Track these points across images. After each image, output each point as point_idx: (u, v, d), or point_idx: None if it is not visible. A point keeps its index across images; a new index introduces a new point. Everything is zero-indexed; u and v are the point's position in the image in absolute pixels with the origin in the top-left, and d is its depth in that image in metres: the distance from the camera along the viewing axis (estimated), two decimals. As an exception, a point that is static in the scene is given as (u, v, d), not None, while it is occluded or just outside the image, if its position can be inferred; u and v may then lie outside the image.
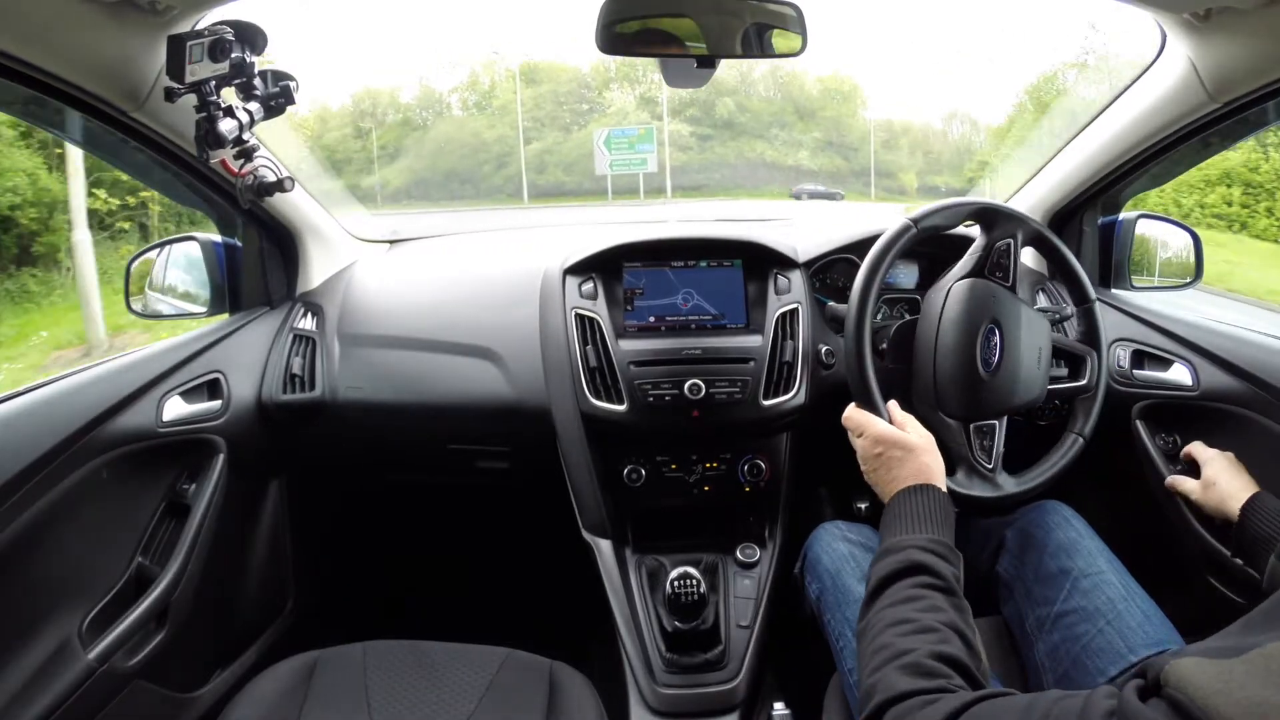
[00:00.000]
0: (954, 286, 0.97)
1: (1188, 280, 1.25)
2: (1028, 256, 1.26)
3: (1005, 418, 0.96)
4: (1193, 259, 1.25)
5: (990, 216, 0.99)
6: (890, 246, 0.94)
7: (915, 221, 0.95)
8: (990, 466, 0.94)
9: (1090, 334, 1.04)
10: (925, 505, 0.76)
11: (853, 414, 0.89)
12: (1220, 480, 0.96)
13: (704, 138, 14.87)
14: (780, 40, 0.90)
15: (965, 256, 1.00)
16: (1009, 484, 0.94)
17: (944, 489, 0.79)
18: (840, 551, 0.97)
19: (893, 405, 0.89)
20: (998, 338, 0.95)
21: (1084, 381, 1.02)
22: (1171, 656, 0.44)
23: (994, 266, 0.98)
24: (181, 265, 1.24)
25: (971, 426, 0.94)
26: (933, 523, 0.74)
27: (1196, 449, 1.03)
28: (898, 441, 0.82)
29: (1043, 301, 1.27)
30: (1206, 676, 0.41)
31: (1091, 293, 1.04)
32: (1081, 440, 0.99)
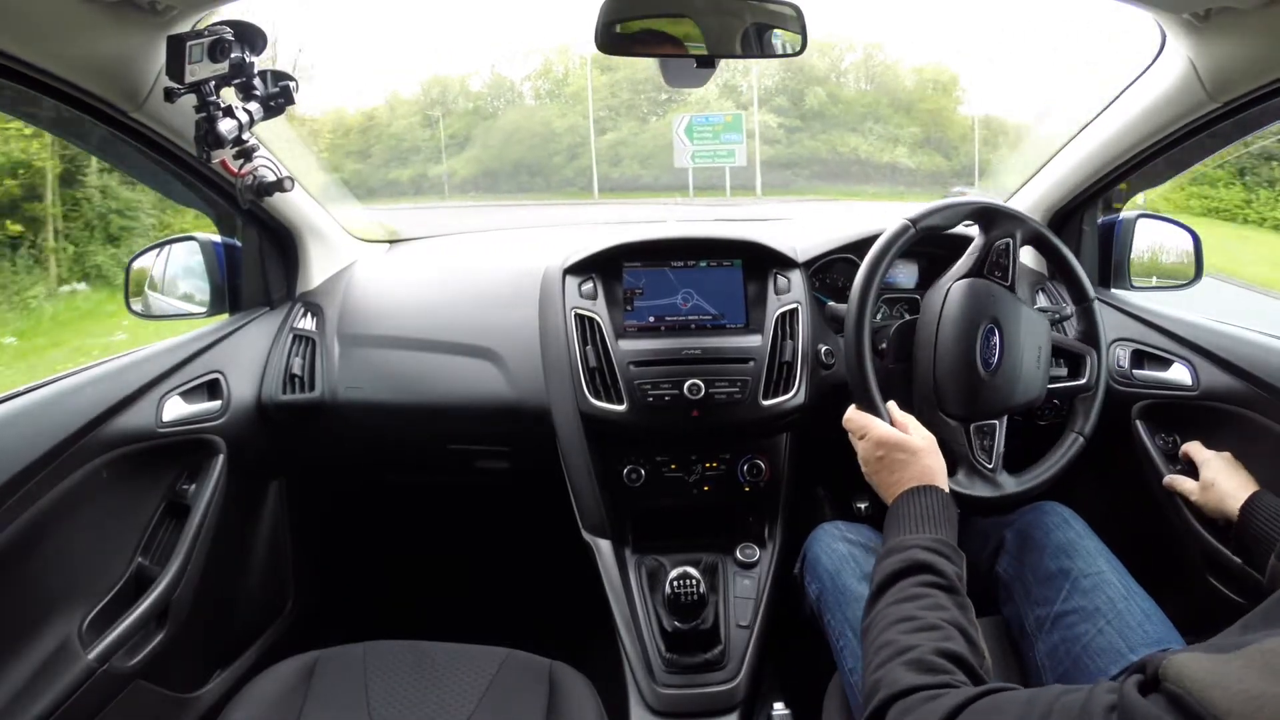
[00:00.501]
0: (953, 286, 0.97)
1: (1188, 280, 1.25)
2: (1027, 256, 1.26)
3: (1005, 417, 0.96)
4: (1193, 259, 1.25)
5: (989, 216, 0.99)
6: (889, 247, 0.94)
7: (914, 221, 0.95)
8: (991, 466, 0.94)
9: (1090, 333, 1.04)
10: (928, 506, 0.76)
11: (854, 416, 0.89)
12: (1219, 480, 0.96)
13: (792, 130, 13.26)
14: (780, 40, 0.90)
15: (964, 256, 1.00)
16: (1010, 483, 0.94)
17: (946, 490, 0.80)
18: (840, 552, 0.97)
19: (892, 406, 0.89)
20: (997, 337, 0.95)
21: (1084, 380, 1.02)
22: (1171, 653, 0.44)
23: (993, 266, 0.98)
24: (181, 265, 1.24)
25: (972, 426, 0.94)
26: (936, 523, 0.75)
27: (1194, 449, 1.03)
28: (900, 444, 0.82)
29: (1042, 301, 1.26)
30: (1204, 670, 0.41)
31: (1091, 291, 1.04)
32: (1082, 439, 0.99)
